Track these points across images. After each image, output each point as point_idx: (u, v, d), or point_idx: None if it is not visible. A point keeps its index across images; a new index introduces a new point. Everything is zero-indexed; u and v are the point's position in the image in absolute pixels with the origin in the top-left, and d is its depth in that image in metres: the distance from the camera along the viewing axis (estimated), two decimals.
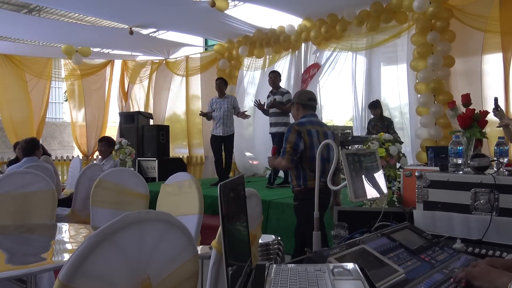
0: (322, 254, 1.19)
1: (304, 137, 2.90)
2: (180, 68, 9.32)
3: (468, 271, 1.13)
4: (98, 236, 0.89)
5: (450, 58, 5.68)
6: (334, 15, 6.73)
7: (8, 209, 2.63)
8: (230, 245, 0.88)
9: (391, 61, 6.67)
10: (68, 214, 3.87)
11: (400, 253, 1.33)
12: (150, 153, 8.30)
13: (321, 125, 3.08)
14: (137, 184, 3.02)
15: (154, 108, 9.68)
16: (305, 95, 3.16)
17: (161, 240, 1.05)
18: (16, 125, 8.57)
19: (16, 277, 1.84)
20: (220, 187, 0.87)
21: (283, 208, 4.41)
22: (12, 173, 2.97)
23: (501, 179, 1.56)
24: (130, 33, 7.35)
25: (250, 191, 1.52)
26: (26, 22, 7.49)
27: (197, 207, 2.41)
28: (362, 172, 1.68)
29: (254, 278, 1.00)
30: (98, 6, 6.54)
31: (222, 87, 6.32)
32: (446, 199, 1.67)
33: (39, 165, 3.99)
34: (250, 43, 7.93)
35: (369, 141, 4.26)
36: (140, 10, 6.68)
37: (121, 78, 10.02)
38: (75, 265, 0.84)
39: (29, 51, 8.69)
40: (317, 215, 1.88)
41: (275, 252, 2.10)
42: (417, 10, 5.61)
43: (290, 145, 2.90)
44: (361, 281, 0.92)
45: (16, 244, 2.18)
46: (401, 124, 6.60)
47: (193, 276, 1.16)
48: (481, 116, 2.17)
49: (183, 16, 7.12)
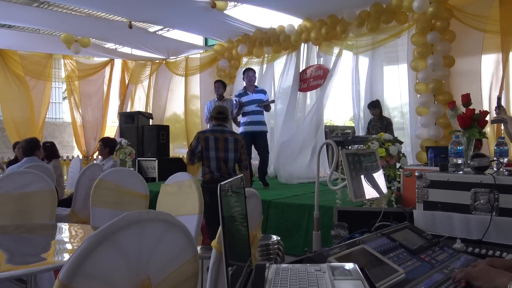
0: (322, 254, 1.19)
1: (201, 142, 3.81)
2: (180, 68, 9.33)
3: (468, 271, 1.13)
4: (98, 236, 0.89)
5: (450, 58, 5.68)
6: (334, 16, 6.73)
7: (8, 209, 2.63)
8: (230, 245, 0.88)
9: (392, 61, 6.67)
10: (68, 214, 3.87)
11: (400, 253, 1.33)
12: (150, 153, 8.30)
13: (223, 132, 3.92)
14: (137, 184, 3.02)
15: (154, 108, 9.68)
16: (215, 110, 4.06)
17: (161, 240, 1.05)
18: (18, 125, 8.57)
19: (16, 277, 1.84)
20: (220, 187, 0.87)
21: (283, 208, 4.41)
22: (12, 173, 2.97)
23: (501, 179, 1.56)
24: (129, 27, 7.31)
25: (250, 191, 1.53)
26: (29, 11, 7.44)
27: (197, 207, 2.41)
28: (362, 172, 1.68)
29: (254, 278, 1.00)
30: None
31: (220, 90, 6.21)
32: (446, 199, 1.67)
33: (39, 165, 3.99)
34: (249, 42, 7.93)
35: (369, 141, 4.26)
36: (140, 5, 6.66)
37: (122, 78, 10.01)
38: (75, 265, 0.84)
39: (28, 43, 8.60)
40: (317, 215, 1.88)
41: (275, 252, 2.10)
42: (417, 10, 5.61)
43: (190, 148, 3.91)
44: (361, 281, 0.92)
45: (16, 244, 2.18)
46: (401, 124, 6.60)
47: (193, 276, 1.16)
48: (481, 116, 2.17)
49: (183, 14, 7.09)
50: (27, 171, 2.94)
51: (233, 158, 3.91)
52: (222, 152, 3.85)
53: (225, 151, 3.86)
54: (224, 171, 3.83)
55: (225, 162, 3.84)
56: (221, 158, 3.84)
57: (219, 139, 3.87)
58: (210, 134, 3.90)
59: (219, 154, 3.84)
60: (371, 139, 4.27)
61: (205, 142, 3.83)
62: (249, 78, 5.95)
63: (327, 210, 3.74)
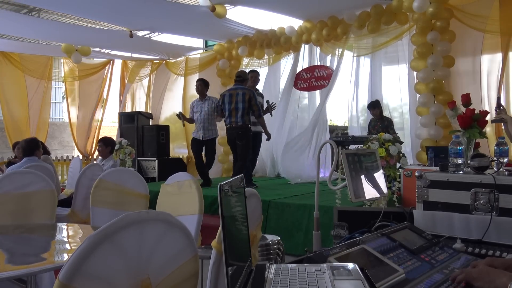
0: (322, 254, 1.19)
1: (220, 98, 5.60)
2: (180, 68, 9.32)
3: (468, 272, 1.13)
4: (98, 236, 0.89)
5: (450, 58, 5.68)
6: (335, 17, 6.73)
7: (8, 209, 2.63)
8: (230, 245, 0.88)
9: (393, 61, 6.67)
10: (68, 214, 3.87)
11: (400, 253, 1.33)
12: (150, 153, 8.30)
13: (236, 89, 5.45)
14: (137, 184, 3.01)
15: (154, 108, 9.68)
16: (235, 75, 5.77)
17: (161, 240, 1.05)
18: (17, 125, 8.57)
19: (16, 277, 1.84)
20: (220, 187, 0.87)
21: (283, 208, 4.41)
22: (12, 173, 2.97)
23: (501, 179, 1.56)
24: (130, 36, 7.37)
25: (250, 191, 1.52)
26: (26, 21, 7.49)
27: (197, 207, 2.41)
28: (362, 172, 1.68)
29: (254, 278, 1.00)
30: (99, 9, 6.54)
31: (202, 89, 6.13)
32: (446, 199, 1.67)
33: (39, 165, 3.99)
34: (250, 44, 7.92)
35: (369, 141, 4.26)
36: (140, 14, 6.69)
37: (122, 78, 10.01)
38: (75, 265, 0.84)
39: (28, 50, 8.66)
40: (317, 215, 1.88)
41: (275, 252, 2.10)
42: (417, 10, 5.61)
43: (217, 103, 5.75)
44: (361, 281, 0.92)
45: (16, 244, 2.18)
46: (401, 124, 6.60)
47: (193, 276, 1.16)
48: (481, 116, 2.17)
49: (183, 20, 7.13)
50: (27, 171, 2.94)
51: (242, 108, 5.24)
52: (233, 104, 5.27)
53: (236, 102, 5.26)
54: (233, 120, 5.31)
55: (236, 111, 5.25)
56: (232, 108, 5.29)
57: (233, 95, 5.35)
58: (227, 91, 5.52)
59: (231, 106, 5.30)
60: (371, 139, 4.27)
61: (223, 98, 5.45)
62: (253, 79, 5.97)
63: (327, 210, 3.75)
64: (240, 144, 5.44)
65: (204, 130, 6.03)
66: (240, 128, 5.37)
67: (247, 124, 5.41)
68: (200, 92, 6.15)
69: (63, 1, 6.33)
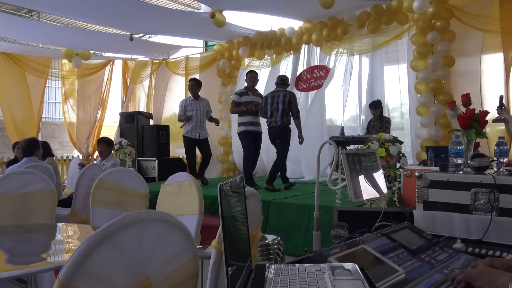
0: (322, 254, 1.19)
1: (263, 100, 5.78)
2: (180, 68, 9.32)
3: (468, 272, 1.13)
4: (98, 236, 0.89)
5: (450, 58, 5.68)
6: (335, 17, 6.73)
7: (8, 209, 2.63)
8: (230, 245, 0.88)
9: (393, 61, 6.67)
10: (68, 214, 3.87)
11: (400, 253, 1.32)
12: (150, 153, 8.30)
13: (278, 92, 5.65)
14: (137, 184, 3.02)
15: (154, 108, 9.68)
16: (277, 78, 5.88)
17: (161, 240, 1.05)
18: (18, 125, 8.57)
19: (16, 277, 1.84)
20: (220, 187, 0.87)
21: (283, 208, 4.41)
22: (12, 173, 2.97)
23: (501, 179, 1.56)
24: (130, 39, 7.40)
25: (250, 191, 1.53)
26: (27, 25, 7.50)
27: (197, 207, 2.41)
28: (362, 172, 1.68)
29: (254, 278, 0.99)
30: (100, 14, 6.57)
31: (196, 88, 6.25)
32: (446, 199, 1.67)
33: (39, 165, 3.99)
34: (250, 45, 7.92)
35: (369, 141, 4.26)
36: (140, 18, 6.71)
37: (123, 78, 10.01)
38: (75, 265, 0.84)
39: (29, 51, 8.68)
40: (317, 215, 1.88)
41: (275, 252, 2.10)
42: (417, 10, 5.60)
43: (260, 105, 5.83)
44: (361, 281, 0.92)
45: (16, 244, 2.18)
46: (401, 124, 6.59)
47: (193, 276, 1.16)
48: (481, 116, 2.17)
49: (184, 24, 7.17)
50: (27, 171, 2.94)
51: (281, 108, 5.46)
52: (275, 104, 5.52)
53: (277, 103, 5.51)
54: (273, 119, 5.52)
55: (277, 111, 5.48)
56: (273, 109, 5.52)
57: (274, 97, 5.59)
58: (270, 94, 5.75)
59: (272, 107, 5.54)
60: (371, 139, 4.27)
61: (265, 99, 5.72)
62: (252, 79, 6.02)
63: (327, 210, 3.75)
64: (278, 142, 5.59)
65: (200, 130, 6.18)
66: (279, 127, 5.50)
67: (286, 124, 5.53)
68: (193, 91, 6.25)
69: (63, 5, 6.35)
